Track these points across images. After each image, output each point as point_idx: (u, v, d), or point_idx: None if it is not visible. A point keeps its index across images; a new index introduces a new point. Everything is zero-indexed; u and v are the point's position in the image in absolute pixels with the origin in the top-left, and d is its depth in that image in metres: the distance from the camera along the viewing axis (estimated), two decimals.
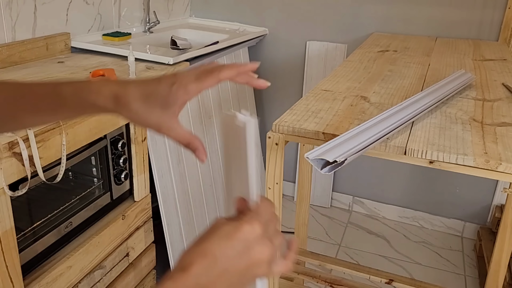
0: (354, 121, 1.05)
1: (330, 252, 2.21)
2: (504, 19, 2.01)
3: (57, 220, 1.30)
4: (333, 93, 1.25)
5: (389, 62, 1.61)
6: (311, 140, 1.01)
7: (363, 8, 2.22)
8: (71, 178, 1.45)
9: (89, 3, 1.85)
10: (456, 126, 1.04)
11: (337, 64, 2.29)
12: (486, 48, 1.89)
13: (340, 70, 1.49)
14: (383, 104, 1.17)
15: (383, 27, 2.21)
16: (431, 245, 2.31)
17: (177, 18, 2.43)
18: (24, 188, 1.09)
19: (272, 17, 2.38)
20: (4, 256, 1.07)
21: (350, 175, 2.52)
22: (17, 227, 1.10)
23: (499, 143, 0.96)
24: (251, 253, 0.44)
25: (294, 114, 1.09)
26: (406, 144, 0.94)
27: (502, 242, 1.44)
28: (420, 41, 2.01)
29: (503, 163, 0.87)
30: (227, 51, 2.09)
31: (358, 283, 1.57)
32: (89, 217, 1.41)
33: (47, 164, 1.15)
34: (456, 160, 0.90)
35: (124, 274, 1.55)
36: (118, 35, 1.91)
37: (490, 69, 1.55)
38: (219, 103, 2.10)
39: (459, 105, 1.18)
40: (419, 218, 2.45)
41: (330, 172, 0.84)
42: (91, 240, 1.37)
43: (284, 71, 2.46)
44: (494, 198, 2.27)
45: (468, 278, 2.08)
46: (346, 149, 0.87)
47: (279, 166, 1.07)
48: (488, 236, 2.16)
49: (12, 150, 1.04)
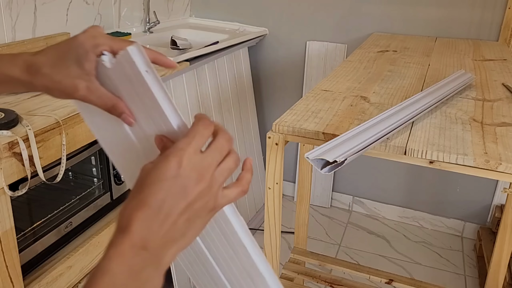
0: (354, 121, 1.05)
1: (330, 252, 2.21)
2: (504, 19, 2.01)
3: (57, 220, 1.30)
4: (333, 93, 1.25)
5: (389, 62, 1.61)
6: (311, 140, 1.01)
7: (363, 8, 2.22)
8: (71, 178, 1.45)
9: (89, 3, 1.85)
10: (456, 126, 1.04)
11: (337, 64, 2.29)
12: (486, 48, 1.89)
13: (340, 70, 1.49)
14: (383, 104, 1.17)
15: (383, 27, 2.21)
16: (431, 245, 2.31)
17: (177, 18, 2.43)
18: (24, 188, 1.09)
19: (272, 17, 2.38)
20: (4, 256, 1.07)
21: (350, 175, 2.52)
22: (17, 227, 1.10)
23: (499, 143, 0.96)
24: (186, 189, 0.40)
25: (294, 114, 1.09)
26: (406, 144, 0.94)
27: (502, 242, 1.44)
28: (420, 41, 2.01)
29: (503, 163, 0.87)
30: (227, 51, 2.09)
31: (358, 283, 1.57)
32: (89, 217, 1.41)
33: (47, 164, 1.15)
34: (456, 160, 0.90)
35: None
36: (118, 35, 1.91)
37: (490, 69, 1.55)
38: (219, 103, 2.10)
39: (459, 105, 1.18)
40: (419, 218, 2.45)
41: (330, 172, 0.84)
42: (91, 240, 1.37)
43: (284, 71, 2.46)
44: (494, 198, 2.27)
45: (468, 278, 2.08)
46: (346, 149, 0.87)
47: (279, 166, 1.07)
48: (488, 236, 2.16)
49: (12, 150, 1.04)
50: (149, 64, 0.45)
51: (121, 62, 0.45)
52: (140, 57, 0.44)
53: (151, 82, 0.44)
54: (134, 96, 0.46)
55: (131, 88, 0.46)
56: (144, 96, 0.45)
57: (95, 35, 0.48)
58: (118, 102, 0.47)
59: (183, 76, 1.82)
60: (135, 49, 0.44)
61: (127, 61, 0.44)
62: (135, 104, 0.47)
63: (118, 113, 0.47)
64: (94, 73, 0.48)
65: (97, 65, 0.48)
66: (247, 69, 2.38)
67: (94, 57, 0.47)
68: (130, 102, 0.47)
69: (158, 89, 0.45)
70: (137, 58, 0.44)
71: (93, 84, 0.47)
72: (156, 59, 0.49)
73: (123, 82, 0.46)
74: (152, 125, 0.46)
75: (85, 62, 0.47)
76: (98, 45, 0.47)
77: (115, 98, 0.47)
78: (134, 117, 0.47)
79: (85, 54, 0.47)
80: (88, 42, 0.48)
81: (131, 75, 0.45)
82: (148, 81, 0.44)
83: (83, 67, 0.47)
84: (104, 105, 0.47)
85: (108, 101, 0.47)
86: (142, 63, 0.44)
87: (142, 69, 0.44)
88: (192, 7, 2.53)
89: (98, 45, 0.47)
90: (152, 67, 0.45)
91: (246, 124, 2.37)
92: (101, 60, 0.47)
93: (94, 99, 0.47)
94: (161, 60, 0.50)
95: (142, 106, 0.46)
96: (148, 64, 0.45)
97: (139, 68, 0.44)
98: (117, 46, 0.47)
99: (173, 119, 0.45)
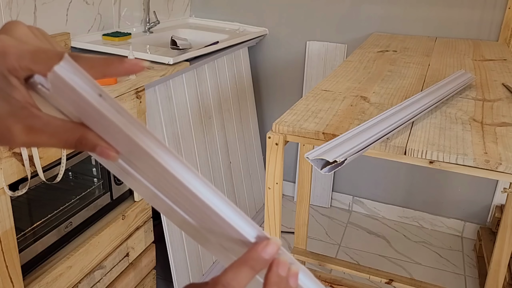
0: (354, 121, 1.05)
1: (330, 252, 2.21)
2: (504, 19, 2.01)
3: (57, 220, 1.30)
4: (333, 93, 1.25)
5: (389, 62, 1.61)
6: (311, 140, 1.01)
7: (363, 8, 2.22)
8: (71, 178, 1.45)
9: (89, 3, 1.85)
10: (456, 126, 1.04)
11: (337, 64, 2.29)
12: (486, 48, 1.89)
13: (340, 70, 1.49)
14: (383, 104, 1.17)
15: (382, 27, 2.21)
16: (431, 245, 2.31)
17: (177, 18, 2.43)
18: (24, 188, 1.09)
19: (272, 17, 2.38)
20: (4, 256, 1.07)
21: (350, 175, 2.52)
22: (17, 227, 1.10)
23: (499, 143, 0.96)
24: None
25: (294, 114, 1.09)
26: (406, 144, 0.94)
27: (502, 242, 1.44)
28: (420, 41, 2.01)
29: (503, 163, 0.87)
30: (227, 51, 2.09)
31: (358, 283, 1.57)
32: (89, 217, 1.41)
33: (47, 164, 1.15)
34: (456, 160, 0.90)
35: (124, 274, 1.55)
36: (118, 35, 1.91)
37: (490, 69, 1.55)
38: (219, 103, 2.10)
39: (459, 105, 1.18)
40: (419, 218, 2.45)
41: (330, 172, 0.84)
42: (91, 240, 1.37)
43: (284, 71, 2.46)
44: (494, 198, 2.27)
45: (468, 278, 2.08)
46: (346, 149, 0.87)
47: (279, 166, 1.07)
48: (488, 236, 2.16)
49: (12, 150, 1.04)
50: (99, 87, 0.31)
51: (57, 87, 0.31)
52: (78, 79, 0.31)
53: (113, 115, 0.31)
54: (104, 131, 0.33)
55: (95, 121, 0.32)
56: (117, 134, 0.32)
57: (5, 53, 0.32)
58: (85, 132, 0.32)
59: (183, 76, 1.82)
60: (65, 66, 0.30)
61: (64, 87, 0.31)
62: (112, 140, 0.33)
63: (90, 149, 0.33)
64: (32, 101, 0.33)
65: (31, 88, 0.34)
66: (247, 69, 2.38)
67: (19, 82, 0.33)
68: (102, 134, 0.33)
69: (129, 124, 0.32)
70: (74, 80, 0.31)
71: (37, 118, 0.32)
72: (107, 70, 0.33)
73: (77, 108, 0.32)
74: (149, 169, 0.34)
75: (11, 92, 0.32)
76: (15, 69, 0.32)
77: (78, 127, 0.32)
78: (114, 149, 0.33)
79: (5, 83, 0.32)
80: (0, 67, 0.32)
81: (82, 105, 0.31)
82: (108, 113, 0.31)
83: (13, 99, 0.32)
84: (64, 144, 0.32)
85: (69, 136, 0.32)
86: (86, 86, 0.31)
87: (91, 96, 0.31)
88: (192, 7, 2.53)
89: (14, 68, 0.32)
90: (102, 91, 0.31)
91: (246, 124, 2.37)
92: (34, 85, 0.34)
93: (45, 140, 0.32)
94: (117, 69, 0.33)
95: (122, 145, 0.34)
96: (97, 86, 0.31)
97: (84, 96, 0.31)
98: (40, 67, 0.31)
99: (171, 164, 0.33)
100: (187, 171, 0.34)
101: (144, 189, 0.36)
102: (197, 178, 0.34)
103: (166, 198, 0.36)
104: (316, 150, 0.87)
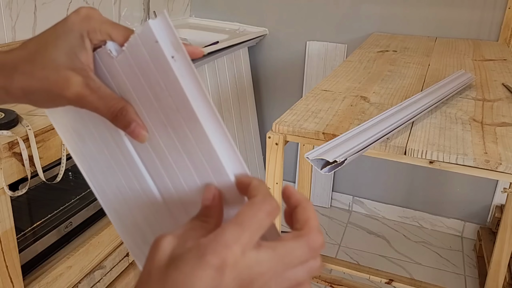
0: (354, 121, 1.05)
1: (330, 252, 2.21)
2: (504, 19, 2.01)
3: (57, 220, 1.30)
4: (333, 93, 1.25)
5: (389, 62, 1.61)
6: (311, 140, 1.01)
7: (363, 8, 2.22)
8: (71, 178, 1.45)
9: (89, 3, 1.85)
10: (456, 126, 1.04)
11: (337, 64, 2.29)
12: (486, 48, 1.89)
13: (340, 70, 1.49)
14: (383, 104, 1.17)
15: (382, 27, 2.21)
16: (431, 245, 2.31)
17: (177, 18, 2.43)
18: (24, 188, 1.09)
19: (272, 17, 2.38)
20: (4, 256, 1.07)
21: (350, 175, 2.52)
22: (17, 227, 1.10)
23: (499, 143, 0.96)
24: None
25: (294, 114, 1.09)
26: (406, 144, 0.94)
27: (502, 242, 1.45)
28: (420, 41, 2.01)
29: (503, 163, 0.87)
30: (227, 51, 2.09)
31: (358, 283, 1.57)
32: (89, 217, 1.41)
33: (47, 164, 1.15)
34: (456, 160, 0.90)
35: (124, 274, 1.55)
36: None
37: (490, 69, 1.55)
38: (219, 103, 2.10)
39: (459, 105, 1.18)
40: (419, 218, 2.45)
41: (330, 172, 0.84)
42: (91, 240, 1.37)
43: (284, 71, 2.46)
44: (494, 198, 2.27)
45: (468, 278, 2.08)
46: (346, 149, 0.87)
47: (279, 166, 1.07)
48: (488, 236, 2.16)
49: (12, 150, 1.04)
50: (180, 47, 0.31)
51: (135, 47, 0.32)
52: (167, 36, 0.30)
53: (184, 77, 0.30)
54: (151, 102, 0.33)
55: (148, 88, 0.33)
56: (169, 101, 0.31)
57: (90, 17, 0.36)
58: (127, 105, 0.34)
59: None
60: (159, 22, 0.30)
61: (146, 43, 0.31)
62: (151, 114, 0.33)
63: (126, 122, 0.34)
64: (92, 68, 0.36)
65: (94, 59, 0.36)
66: (247, 69, 2.38)
67: (90, 46, 0.36)
68: (144, 110, 0.34)
69: (195, 89, 0.30)
70: (162, 37, 0.30)
71: (92, 80, 0.35)
72: None
73: (133, 80, 0.33)
74: (178, 150, 0.32)
75: (79, 52, 0.35)
76: (95, 31, 0.35)
77: (123, 100, 0.35)
78: (146, 129, 0.34)
79: (79, 42, 0.35)
80: (82, 26, 0.35)
81: (149, 66, 0.31)
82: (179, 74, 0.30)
83: (78, 59, 0.35)
84: (107, 109, 0.34)
85: (115, 104, 0.34)
86: (169, 45, 0.30)
87: (168, 54, 0.30)
88: (192, 7, 2.53)
89: (94, 30, 0.35)
90: (184, 51, 0.31)
91: (246, 124, 2.37)
92: (104, 49, 0.35)
93: (94, 100, 0.34)
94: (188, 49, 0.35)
95: (162, 117, 0.33)
96: (178, 46, 0.31)
97: (164, 53, 0.30)
98: (119, 34, 0.35)
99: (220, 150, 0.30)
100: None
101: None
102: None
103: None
104: (316, 150, 0.87)
